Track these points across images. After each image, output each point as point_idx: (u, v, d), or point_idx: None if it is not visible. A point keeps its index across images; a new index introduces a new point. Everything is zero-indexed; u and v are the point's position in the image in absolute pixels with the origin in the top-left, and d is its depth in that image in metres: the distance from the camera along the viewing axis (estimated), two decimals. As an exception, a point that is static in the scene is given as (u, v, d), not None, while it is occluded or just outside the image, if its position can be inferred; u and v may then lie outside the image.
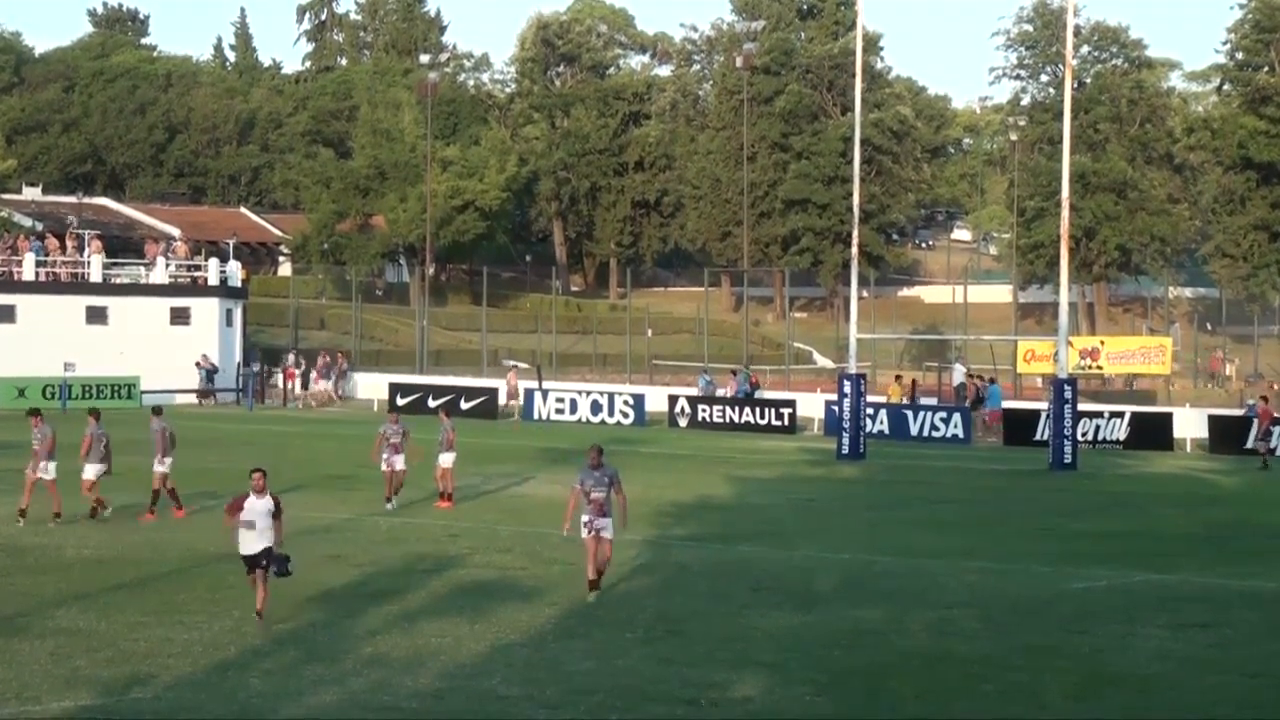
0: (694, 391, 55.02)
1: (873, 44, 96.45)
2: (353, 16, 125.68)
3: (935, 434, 47.32)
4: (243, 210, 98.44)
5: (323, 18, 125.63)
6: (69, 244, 60.36)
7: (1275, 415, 41.58)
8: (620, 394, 54.34)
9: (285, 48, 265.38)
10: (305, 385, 61.07)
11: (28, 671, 14.49)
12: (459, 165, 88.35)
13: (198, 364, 58.03)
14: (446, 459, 27.85)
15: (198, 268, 61.22)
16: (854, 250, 43.12)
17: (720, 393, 54.50)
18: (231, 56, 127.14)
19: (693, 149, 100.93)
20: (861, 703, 13.93)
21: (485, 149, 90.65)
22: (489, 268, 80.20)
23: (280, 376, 62.32)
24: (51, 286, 58.06)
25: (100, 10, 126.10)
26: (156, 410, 27.23)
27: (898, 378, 55.42)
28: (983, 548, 23.92)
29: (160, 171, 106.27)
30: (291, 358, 63.62)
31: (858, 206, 43.08)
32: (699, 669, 14.98)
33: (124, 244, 73.75)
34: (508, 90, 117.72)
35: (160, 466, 25.56)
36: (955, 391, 54.36)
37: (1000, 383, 53.91)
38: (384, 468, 27.35)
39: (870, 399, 49.59)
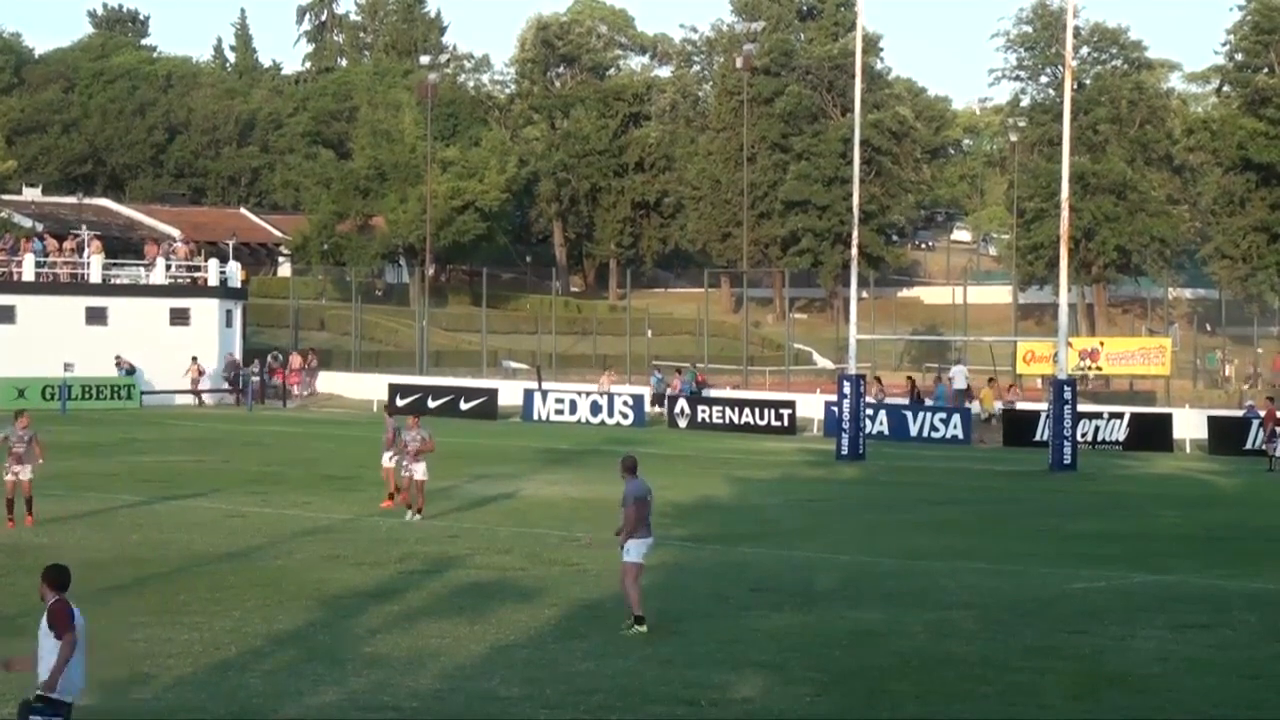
0: (649, 390, 55.02)
1: (872, 45, 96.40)
2: (353, 17, 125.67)
3: (935, 435, 47.31)
4: (243, 211, 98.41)
5: (323, 19, 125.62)
6: (68, 245, 60.41)
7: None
8: (620, 394, 54.34)
9: (285, 49, 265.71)
10: (239, 384, 60.41)
11: (28, 672, 14.47)
12: (459, 166, 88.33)
13: (117, 362, 57.30)
14: (391, 459, 27.61)
15: (197, 268, 61.25)
16: (854, 251, 43.13)
17: (668, 392, 54.62)
18: (231, 57, 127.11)
19: (692, 150, 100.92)
20: (861, 704, 13.94)
21: (485, 150, 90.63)
22: (489, 269, 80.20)
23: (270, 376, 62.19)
24: (51, 287, 58.10)
25: (100, 11, 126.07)
26: (19, 413, 25.80)
27: (991, 381, 53.73)
28: (982, 549, 23.93)
29: (160, 172, 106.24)
30: (271, 358, 63.55)
31: (857, 207, 43.09)
32: (699, 670, 14.98)
33: (124, 245, 73.80)
34: (508, 91, 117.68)
35: (25, 474, 24.50)
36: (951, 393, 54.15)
37: (945, 381, 53.75)
38: (404, 474, 26.13)
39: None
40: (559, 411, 54.20)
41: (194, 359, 58.61)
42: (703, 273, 79.36)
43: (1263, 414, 41.96)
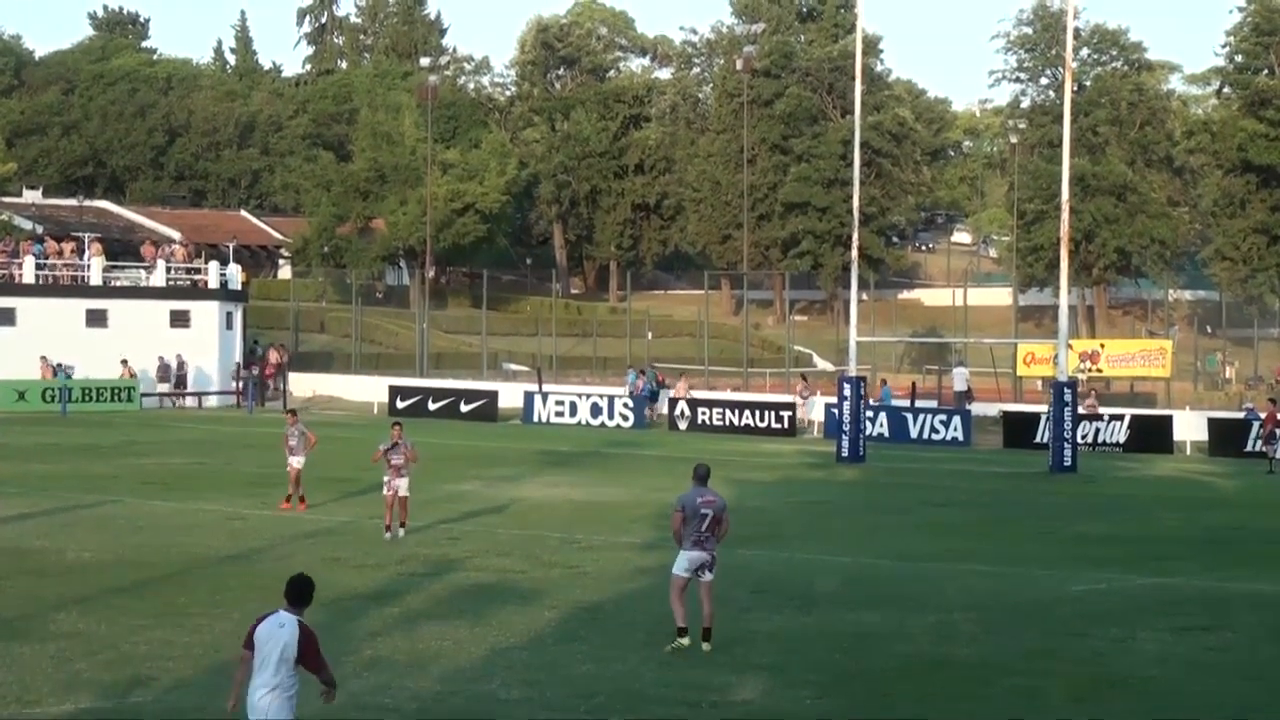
0: (625, 390, 54.89)
1: (872, 47, 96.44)
2: (353, 19, 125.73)
3: (935, 436, 47.29)
4: (243, 213, 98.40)
5: (323, 21, 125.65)
6: (69, 247, 60.36)
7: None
8: (620, 396, 54.32)
9: (285, 51, 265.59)
10: (181, 385, 59.35)
11: (29, 674, 14.50)
12: (459, 168, 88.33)
13: (57, 366, 55.34)
14: (297, 461, 27.29)
15: (198, 271, 61.23)
16: (854, 253, 43.10)
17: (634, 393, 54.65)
18: (232, 59, 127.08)
19: (693, 152, 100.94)
20: (862, 706, 13.94)
21: (485, 152, 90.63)
22: (489, 271, 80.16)
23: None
24: (51, 289, 58.07)
25: (100, 13, 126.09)
26: None
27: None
28: (983, 551, 23.92)
29: (160, 174, 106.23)
30: (252, 347, 63.25)
31: (858, 209, 43.06)
32: (699, 671, 14.98)
33: (124, 247, 73.74)
34: (508, 93, 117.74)
35: None
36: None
37: (891, 384, 53.60)
38: (385, 491, 24.11)
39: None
40: (559, 414, 54.18)
41: (124, 362, 56.54)
42: (703, 275, 79.31)
43: (1263, 416, 41.96)
